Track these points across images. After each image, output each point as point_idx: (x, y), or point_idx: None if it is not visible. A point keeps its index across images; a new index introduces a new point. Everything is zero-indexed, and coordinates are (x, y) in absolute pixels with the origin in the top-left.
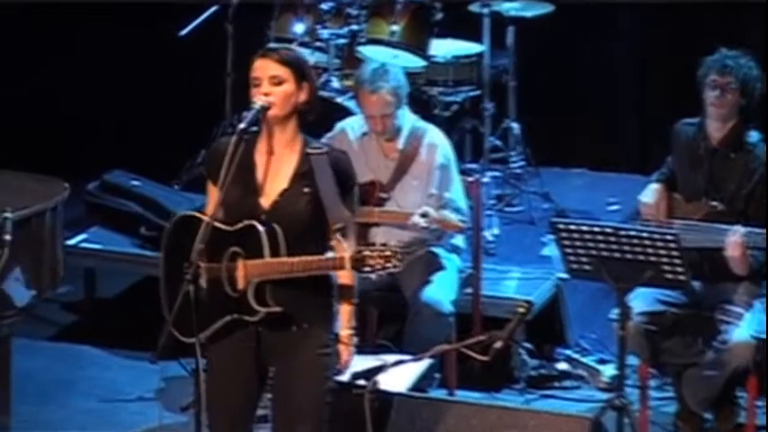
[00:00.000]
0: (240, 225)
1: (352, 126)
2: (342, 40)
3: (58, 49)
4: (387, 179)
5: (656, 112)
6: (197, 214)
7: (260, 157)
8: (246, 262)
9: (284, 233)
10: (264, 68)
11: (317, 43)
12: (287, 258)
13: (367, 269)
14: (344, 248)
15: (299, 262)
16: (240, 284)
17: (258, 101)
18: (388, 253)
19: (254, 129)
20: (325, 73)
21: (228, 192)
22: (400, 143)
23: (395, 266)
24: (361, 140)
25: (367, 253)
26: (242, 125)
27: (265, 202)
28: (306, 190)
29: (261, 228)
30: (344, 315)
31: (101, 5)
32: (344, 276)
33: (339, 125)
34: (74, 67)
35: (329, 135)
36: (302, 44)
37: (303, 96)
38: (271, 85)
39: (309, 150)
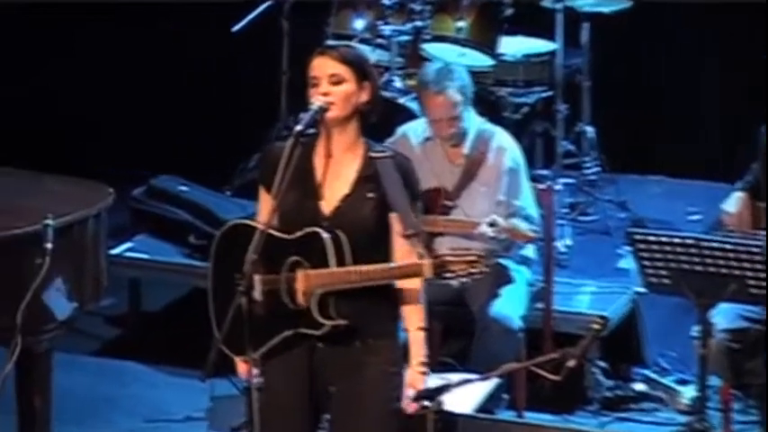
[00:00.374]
0: (300, 233)
1: (415, 130)
2: (405, 38)
3: (93, 48)
4: (452, 186)
5: (740, 115)
6: (249, 222)
7: (319, 160)
8: (309, 272)
9: (349, 240)
10: (323, 67)
11: (379, 40)
12: (356, 267)
13: (449, 275)
14: (422, 254)
15: (371, 270)
16: (301, 296)
17: (316, 101)
18: (472, 257)
19: (312, 131)
20: (387, 72)
21: (285, 198)
22: (466, 148)
23: (480, 272)
24: (424, 146)
25: (449, 258)
26: (299, 127)
27: (326, 207)
28: (370, 195)
29: (325, 235)
30: (416, 340)
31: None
32: (414, 284)
33: (400, 129)
34: (116, 67)
35: (390, 140)
36: (362, 41)
37: (364, 96)
38: (330, 85)
39: (373, 154)
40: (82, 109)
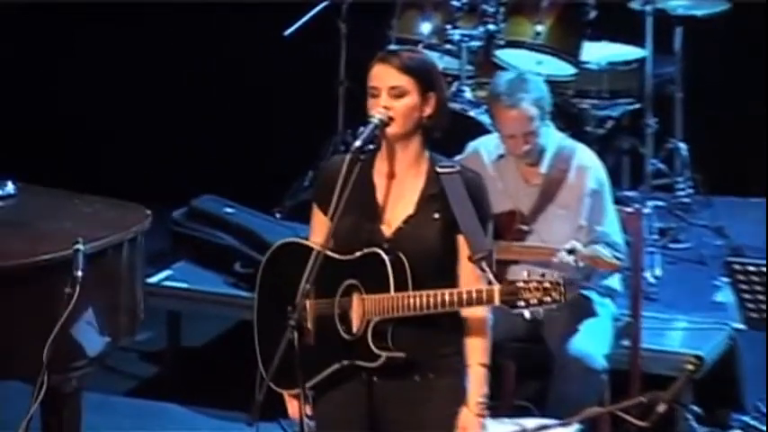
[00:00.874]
0: (358, 253)
1: (487, 147)
2: (476, 43)
3: (119, 53)
4: (528, 209)
5: None
6: (301, 241)
7: (379, 178)
8: (365, 297)
9: (410, 265)
10: (383, 77)
11: (447, 46)
12: (417, 292)
13: (521, 304)
14: (491, 279)
15: (434, 296)
16: (356, 324)
17: (376, 114)
18: (547, 284)
19: (372, 147)
20: (456, 82)
21: (342, 219)
22: (544, 166)
23: (555, 300)
24: (497, 164)
25: (521, 284)
26: (357, 143)
27: (387, 229)
28: (435, 215)
29: (386, 257)
30: (475, 378)
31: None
32: (478, 322)
33: (471, 145)
34: (149, 75)
35: (459, 157)
36: (429, 47)
37: (428, 110)
38: (390, 98)
39: (439, 169)
40: (111, 123)
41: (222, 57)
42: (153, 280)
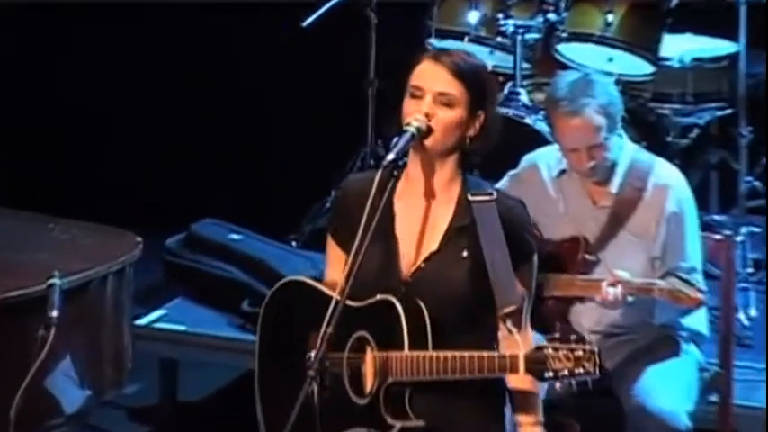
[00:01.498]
0: (370, 300)
1: (547, 161)
2: (533, 36)
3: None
4: (595, 235)
5: None
6: (309, 281)
7: (400, 204)
8: (378, 354)
9: (432, 314)
10: (432, 78)
11: (498, 39)
12: (435, 352)
13: (550, 374)
14: (517, 343)
15: (452, 358)
16: (368, 384)
17: (414, 121)
18: (580, 353)
19: (404, 161)
20: (510, 82)
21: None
22: (614, 185)
23: (588, 373)
24: (558, 181)
25: (550, 351)
26: (390, 156)
27: (406, 268)
28: (464, 254)
29: (399, 305)
30: None
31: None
32: (521, 382)
33: (528, 159)
34: (148, 78)
35: (513, 173)
36: (476, 40)
37: (473, 130)
38: (436, 105)
39: (471, 197)
40: (111, 123)
41: (225, 58)
42: (144, 321)
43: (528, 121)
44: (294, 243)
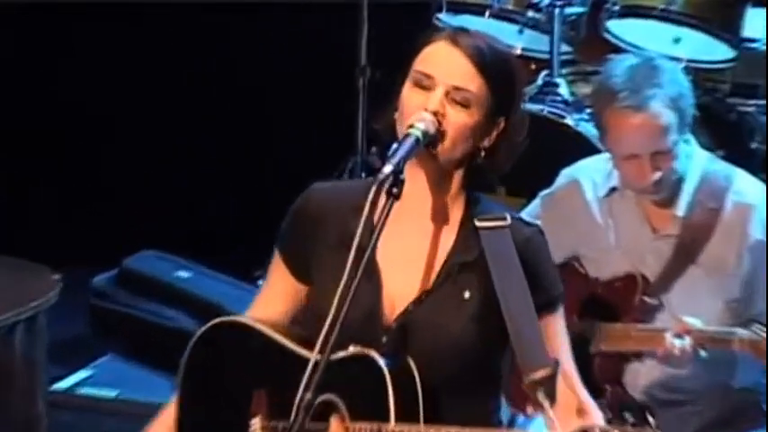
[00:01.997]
0: (342, 353)
1: (592, 176)
2: (576, 10)
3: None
4: (656, 272)
5: None
6: (248, 321)
7: (388, 225)
8: (349, 426)
9: (423, 374)
10: (449, 65)
11: (530, 14)
12: (429, 428)
13: None
14: (552, 420)
15: None
16: None
17: (419, 122)
18: None
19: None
20: (545, 71)
21: (324, 287)
22: (681, 206)
23: None
24: (607, 202)
25: None
26: (387, 167)
27: (390, 312)
28: (467, 294)
29: (383, 363)
30: None
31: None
32: None
33: (567, 173)
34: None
35: (547, 192)
36: (500, 15)
37: (488, 140)
38: (449, 102)
39: (479, 222)
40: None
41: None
42: (63, 384)
43: (568, 121)
44: (261, 282)
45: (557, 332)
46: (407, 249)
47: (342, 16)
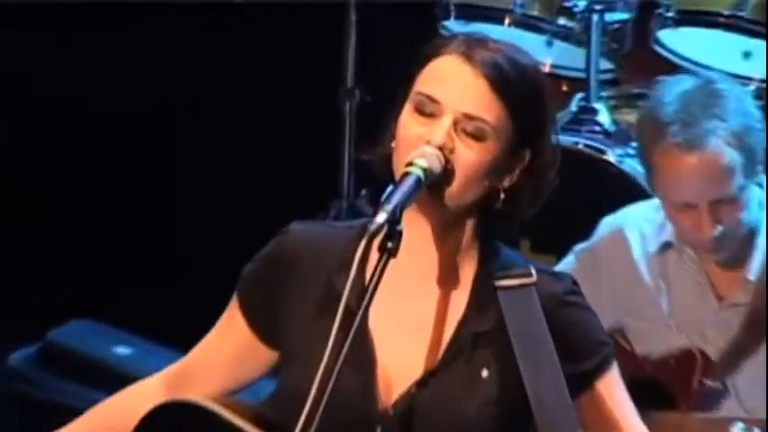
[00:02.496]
0: None
1: (638, 226)
2: (619, 15)
3: None
4: (720, 349)
5: None
6: (200, 403)
7: (380, 288)
8: None
9: None
10: (460, 86)
11: (562, 21)
12: None
13: None
14: None
15: None
16: None
17: (421, 158)
18: None
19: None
20: (579, 94)
21: (295, 358)
22: (753, 268)
23: None
24: (659, 261)
25: None
26: (381, 216)
27: (387, 395)
28: (485, 373)
29: None
30: None
31: None
32: None
33: (609, 223)
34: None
35: (583, 246)
36: (524, 22)
37: (510, 179)
38: (459, 134)
39: (498, 282)
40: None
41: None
42: None
43: (610, 157)
44: None
45: (614, 398)
46: (407, 317)
47: (325, 20)
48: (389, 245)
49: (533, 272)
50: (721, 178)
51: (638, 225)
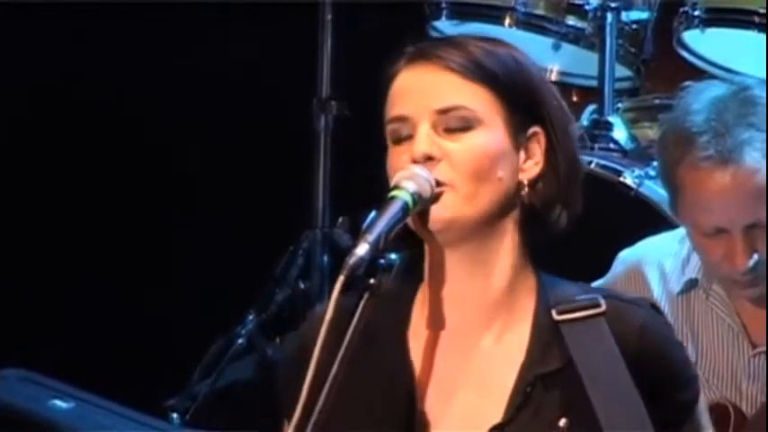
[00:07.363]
0: None
1: (659, 261)
2: (637, 16)
3: None
4: (756, 401)
5: None
6: None
7: (417, 342)
8: None
9: None
10: (420, 89)
11: (571, 21)
12: None
13: None
14: None
15: None
16: None
17: (405, 180)
18: None
19: (390, 260)
20: (591, 105)
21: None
22: None
23: None
24: (683, 301)
25: None
26: (363, 247)
27: None
28: (561, 423)
29: None
30: None
31: None
32: None
33: (626, 258)
34: None
35: (600, 282)
36: (527, 22)
37: (532, 169)
38: (442, 134)
39: (558, 316)
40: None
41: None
42: None
43: (627, 179)
44: (174, 414)
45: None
46: (457, 370)
47: (296, 20)
48: (370, 281)
49: (601, 301)
50: (758, 199)
51: (659, 260)
